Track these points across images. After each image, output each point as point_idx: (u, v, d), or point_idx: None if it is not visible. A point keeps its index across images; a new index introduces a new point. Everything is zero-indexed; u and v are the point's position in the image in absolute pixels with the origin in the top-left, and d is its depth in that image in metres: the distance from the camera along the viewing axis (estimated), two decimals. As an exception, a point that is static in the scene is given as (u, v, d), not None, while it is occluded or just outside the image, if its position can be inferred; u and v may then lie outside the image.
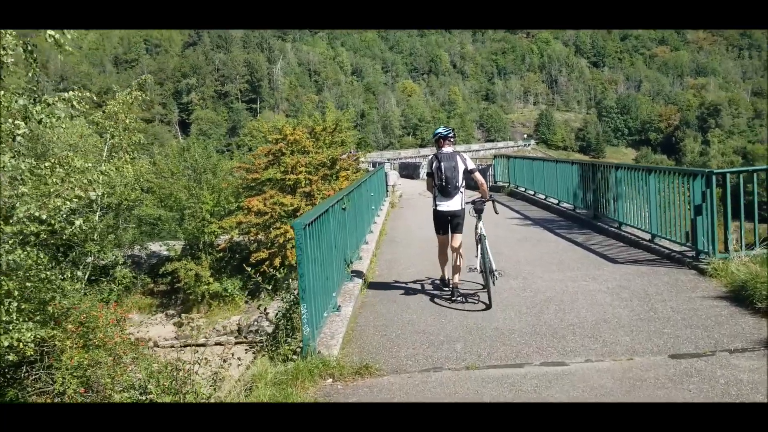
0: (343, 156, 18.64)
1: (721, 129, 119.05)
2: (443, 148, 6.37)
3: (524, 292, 6.50)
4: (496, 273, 6.14)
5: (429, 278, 7.50)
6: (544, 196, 14.90)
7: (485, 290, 6.11)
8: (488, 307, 5.90)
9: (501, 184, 20.58)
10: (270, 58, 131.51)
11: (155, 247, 21.36)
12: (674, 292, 5.98)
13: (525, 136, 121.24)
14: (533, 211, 13.77)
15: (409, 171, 37.05)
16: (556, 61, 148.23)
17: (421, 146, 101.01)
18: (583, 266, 7.51)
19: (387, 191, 20.06)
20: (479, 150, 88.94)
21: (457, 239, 6.43)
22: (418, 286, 7.17)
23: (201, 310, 18.59)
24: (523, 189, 17.44)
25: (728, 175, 6.49)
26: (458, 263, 6.37)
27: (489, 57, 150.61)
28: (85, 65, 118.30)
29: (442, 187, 6.27)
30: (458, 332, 5.31)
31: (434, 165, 6.31)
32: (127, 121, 20.28)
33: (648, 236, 8.44)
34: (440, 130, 6.42)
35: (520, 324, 5.43)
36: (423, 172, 34.25)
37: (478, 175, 6.41)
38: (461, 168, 6.33)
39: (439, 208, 6.37)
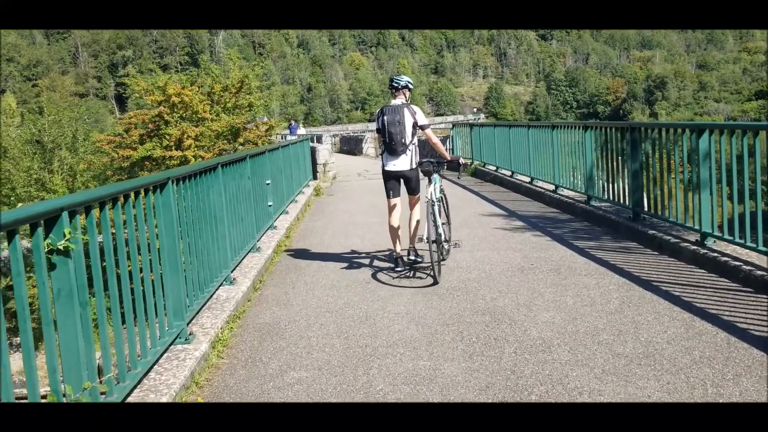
0: (249, 125, 13.62)
1: (667, 101, 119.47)
2: (393, 101, 5.66)
3: None
4: (448, 245, 5.73)
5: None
6: (528, 179, 10.47)
7: (437, 263, 5.14)
8: (435, 282, 5.01)
9: (462, 161, 16.14)
10: (211, 29, 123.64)
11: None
12: None
13: (475, 110, 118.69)
14: (518, 202, 9.32)
15: (350, 146, 32.14)
16: (505, 33, 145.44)
17: (370, 120, 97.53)
18: (730, 382, 3.01)
19: (316, 173, 15.25)
20: (429, 124, 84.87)
21: (412, 201, 5.71)
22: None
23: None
24: (493, 168, 13.00)
25: None
26: (414, 225, 5.62)
27: (438, 29, 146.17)
28: (12, 36, 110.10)
29: (386, 144, 5.56)
30: None
31: (379, 119, 5.59)
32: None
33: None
34: (393, 77, 5.73)
35: None
36: (366, 146, 29.64)
37: (429, 132, 5.78)
38: (408, 122, 5.49)
39: (386, 168, 5.63)
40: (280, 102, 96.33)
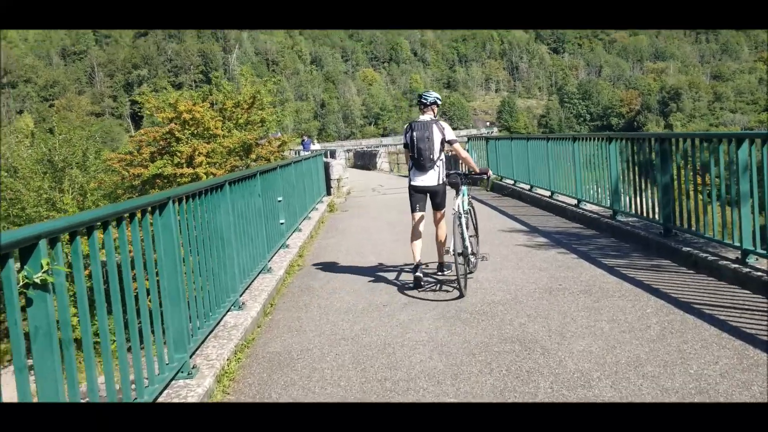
0: (262, 140, 13.45)
1: (682, 113, 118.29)
2: (421, 116, 5.61)
3: None
4: (475, 258, 5.61)
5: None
6: (548, 193, 10.14)
7: (463, 276, 5.02)
8: (461, 296, 4.90)
9: (490, 173, 15.80)
10: (225, 47, 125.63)
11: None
12: None
13: (488, 123, 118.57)
14: (539, 217, 8.98)
15: (364, 161, 31.97)
16: (516, 47, 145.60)
17: (384, 135, 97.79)
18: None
19: (330, 188, 15.04)
20: (457, 139, 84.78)
21: (437, 216, 5.68)
22: None
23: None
24: (511, 181, 12.68)
25: None
26: (441, 240, 5.64)
27: (450, 44, 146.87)
28: (30, 58, 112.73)
29: (415, 160, 5.52)
30: None
31: (408, 135, 5.58)
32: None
33: None
34: (422, 93, 5.70)
35: None
36: (380, 161, 29.46)
37: (458, 147, 5.71)
38: (437, 138, 5.47)
39: (412, 183, 5.62)
40: (293, 118, 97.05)
